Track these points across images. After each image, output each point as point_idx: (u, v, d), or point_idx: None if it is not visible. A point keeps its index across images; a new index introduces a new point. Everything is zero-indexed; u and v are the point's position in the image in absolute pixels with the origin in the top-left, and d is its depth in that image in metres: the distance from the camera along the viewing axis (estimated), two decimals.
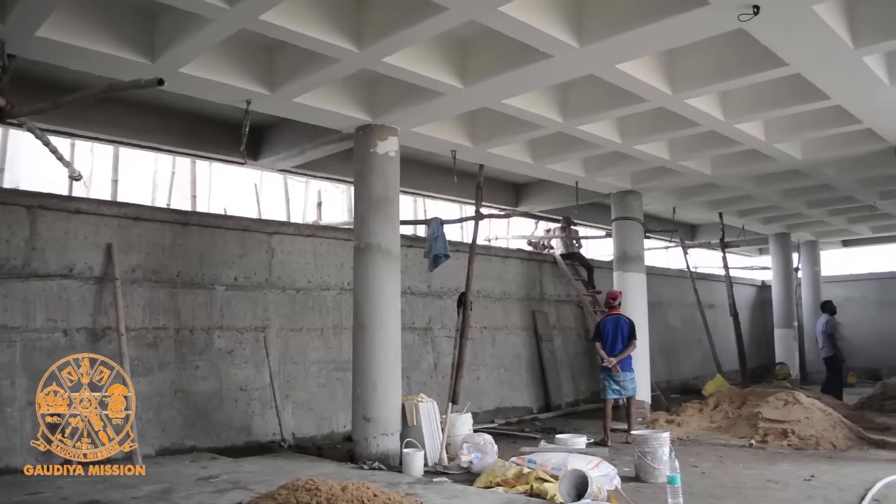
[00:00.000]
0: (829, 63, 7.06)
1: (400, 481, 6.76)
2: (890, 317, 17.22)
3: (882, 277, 20.03)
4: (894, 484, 6.85)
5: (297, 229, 10.20)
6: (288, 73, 7.30)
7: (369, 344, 8.13)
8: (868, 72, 7.27)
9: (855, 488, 6.68)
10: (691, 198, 14.02)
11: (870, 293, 20.65)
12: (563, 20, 6.28)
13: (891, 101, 8.18)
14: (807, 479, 7.20)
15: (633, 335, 10.09)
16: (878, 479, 6.92)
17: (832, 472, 7.51)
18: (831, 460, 8.17)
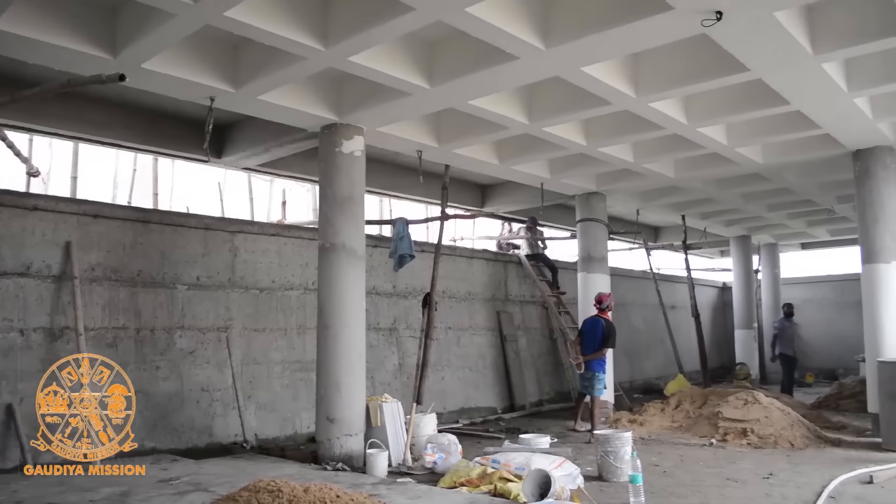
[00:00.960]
0: (789, 69, 7.20)
1: (364, 482, 6.73)
2: (847, 318, 17.59)
3: (839, 279, 20.44)
4: (850, 481, 7.01)
5: (261, 228, 10.10)
6: (253, 71, 7.23)
7: (333, 344, 8.09)
8: (827, 78, 7.42)
9: (812, 486, 6.82)
10: (655, 200, 14.19)
11: (828, 295, 21.08)
12: (529, 22, 6.31)
13: (849, 108, 8.36)
14: (765, 477, 7.33)
15: (605, 341, 10.34)
16: (835, 476, 7.08)
17: (790, 470, 7.66)
18: (789, 458, 8.33)
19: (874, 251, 9.87)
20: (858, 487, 6.81)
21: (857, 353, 13.14)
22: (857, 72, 7.77)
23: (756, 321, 19.55)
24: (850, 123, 9.01)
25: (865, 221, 10.05)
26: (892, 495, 6.49)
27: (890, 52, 7.24)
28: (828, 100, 8.14)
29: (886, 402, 8.95)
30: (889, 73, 7.66)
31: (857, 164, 10.17)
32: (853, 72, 7.78)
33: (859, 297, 10.15)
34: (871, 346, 9.78)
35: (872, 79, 7.78)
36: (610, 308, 10.69)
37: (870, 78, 7.78)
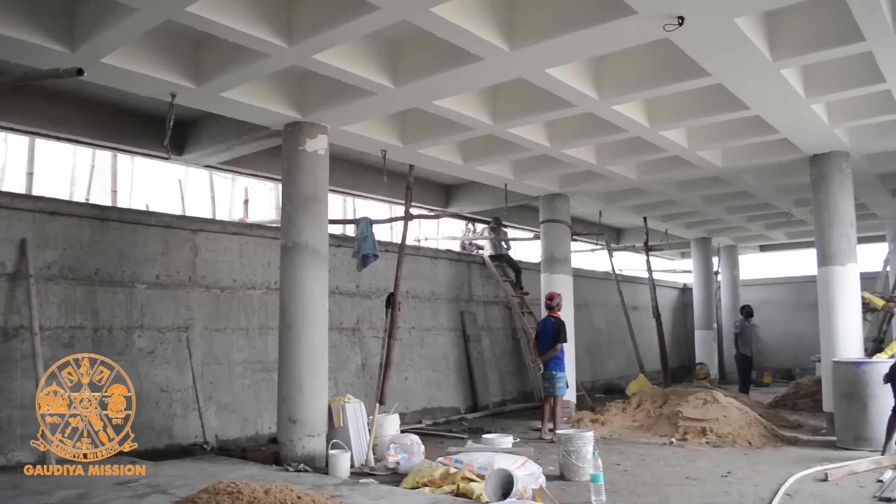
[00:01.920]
0: (749, 74, 7.33)
1: (326, 483, 6.69)
2: (804, 319, 17.93)
3: (797, 281, 20.83)
4: (805, 479, 7.15)
5: (222, 227, 9.98)
6: (215, 67, 7.15)
7: (296, 344, 8.03)
8: (785, 84, 7.57)
9: (769, 484, 6.95)
10: (617, 202, 14.33)
11: (785, 296, 21.48)
12: (494, 24, 6.33)
13: (806, 113, 8.54)
14: (724, 475, 7.45)
15: (555, 338, 10.37)
16: (791, 474, 7.23)
17: (748, 468, 7.79)
18: (747, 457, 8.47)
19: (830, 254, 10.08)
20: (814, 485, 6.95)
21: (813, 354, 13.44)
22: (815, 78, 7.94)
23: (716, 322, 19.86)
24: (807, 129, 9.19)
25: (821, 225, 10.26)
26: (846, 493, 6.63)
27: (845, 60, 7.42)
28: (786, 105, 8.30)
29: (841, 401, 9.14)
30: (845, 81, 7.83)
31: (813, 168, 10.38)
32: (810, 78, 7.94)
33: (815, 298, 10.35)
34: (827, 346, 9.99)
35: (829, 85, 7.96)
36: (559, 307, 10.72)
37: (826, 85, 7.95)
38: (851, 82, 7.83)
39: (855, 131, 9.79)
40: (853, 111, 8.94)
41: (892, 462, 7.69)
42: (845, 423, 9.04)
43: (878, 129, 9.65)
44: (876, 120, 9.12)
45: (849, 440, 8.89)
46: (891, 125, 9.41)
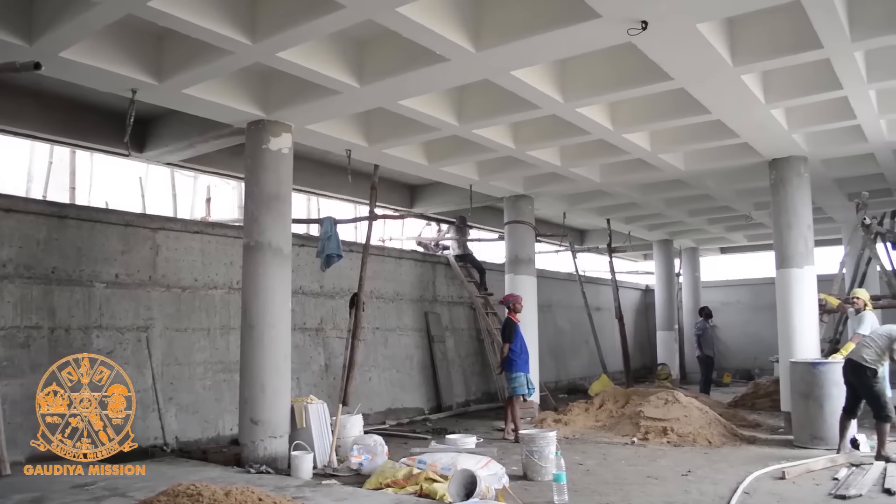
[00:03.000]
0: (710, 79, 7.44)
1: (288, 484, 6.65)
2: (763, 320, 18.21)
3: (756, 283, 21.15)
4: (763, 478, 7.27)
5: (184, 225, 9.84)
6: (177, 63, 7.04)
7: (258, 345, 7.95)
8: (746, 89, 7.70)
9: (728, 482, 7.05)
10: (581, 204, 14.45)
11: (745, 298, 21.82)
12: (460, 25, 6.34)
13: (766, 118, 8.69)
14: (684, 474, 7.54)
15: (504, 337, 10.40)
16: (749, 473, 7.33)
17: (707, 467, 7.89)
18: (707, 456, 8.58)
19: (788, 256, 10.27)
20: (771, 483, 7.06)
21: (771, 354, 13.67)
22: (774, 84, 8.10)
23: (677, 323, 20.12)
24: (766, 133, 9.35)
25: (780, 228, 10.45)
26: (803, 490, 6.75)
27: (804, 67, 7.58)
28: (746, 110, 8.44)
29: (798, 400, 9.31)
30: (803, 87, 8.00)
31: (772, 172, 10.57)
32: (770, 84, 8.10)
33: (774, 300, 10.55)
34: (785, 347, 10.18)
35: (788, 91, 8.12)
36: (515, 308, 10.59)
37: (785, 90, 8.12)
38: (810, 88, 7.99)
39: (813, 136, 10.00)
40: (811, 117, 9.13)
41: (846, 460, 7.86)
42: (802, 423, 9.21)
43: (834, 134, 9.87)
44: (833, 126, 9.32)
45: (805, 439, 9.06)
46: (847, 131, 9.62)
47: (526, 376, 10.23)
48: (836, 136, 9.93)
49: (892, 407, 7.94)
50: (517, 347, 10.24)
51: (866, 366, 7.91)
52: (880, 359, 7.91)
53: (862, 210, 10.86)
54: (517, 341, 10.28)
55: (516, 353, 10.20)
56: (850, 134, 9.71)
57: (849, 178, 12.59)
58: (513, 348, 10.20)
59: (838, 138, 9.94)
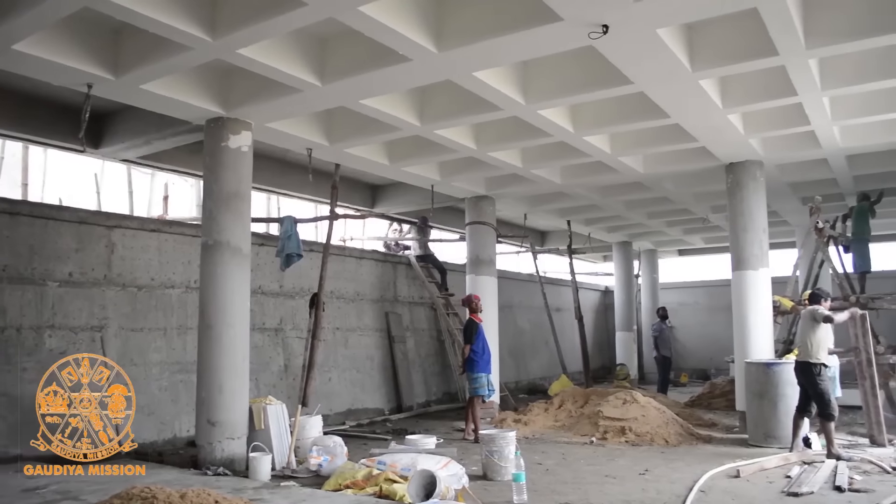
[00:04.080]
0: (669, 84, 7.54)
1: (245, 486, 6.58)
2: (719, 321, 18.49)
3: (712, 285, 21.48)
4: (719, 476, 7.39)
5: (140, 223, 9.67)
6: (135, 59, 6.91)
7: (216, 345, 7.85)
8: (704, 94, 7.82)
9: (684, 480, 7.15)
10: (542, 205, 14.53)
11: (701, 299, 22.17)
12: (422, 25, 6.33)
13: (723, 123, 8.84)
14: (641, 473, 7.63)
15: (465, 338, 10.38)
16: (705, 471, 7.46)
17: (664, 465, 8.00)
18: (664, 455, 8.70)
19: (743, 259, 10.46)
20: (726, 481, 7.18)
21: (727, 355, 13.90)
22: (731, 90, 8.24)
23: (636, 324, 20.35)
24: (723, 138, 9.51)
25: (736, 231, 10.63)
26: (757, 488, 6.88)
27: (760, 73, 7.72)
28: (704, 115, 8.57)
29: (752, 400, 9.48)
30: (759, 93, 8.15)
31: (729, 176, 10.75)
32: (727, 90, 8.24)
33: (730, 301, 10.73)
34: (740, 347, 10.36)
35: (744, 97, 8.27)
36: (474, 308, 10.52)
37: (742, 96, 8.26)
38: (765, 95, 8.15)
39: (768, 142, 10.19)
40: (767, 122, 9.31)
41: (799, 458, 8.04)
42: (756, 422, 9.39)
43: (789, 140, 10.08)
44: (788, 131, 9.52)
45: (759, 438, 9.23)
46: (801, 137, 9.83)
47: (487, 377, 10.20)
48: (791, 142, 10.13)
49: (835, 406, 8.16)
50: (478, 348, 10.19)
51: (811, 363, 8.13)
52: (821, 345, 8.15)
53: (815, 214, 11.10)
54: (478, 342, 10.22)
55: (478, 353, 10.16)
56: (804, 140, 9.92)
57: (803, 183, 12.86)
58: (474, 349, 10.14)
59: (793, 144, 10.15)
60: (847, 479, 6.90)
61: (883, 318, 12.25)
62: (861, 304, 10.74)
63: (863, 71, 7.64)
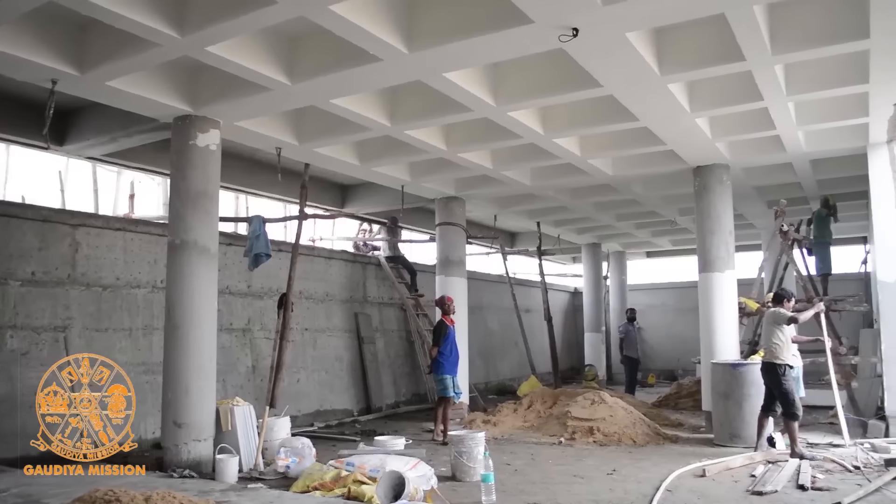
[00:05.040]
0: (638, 87, 7.62)
1: (212, 489, 6.51)
2: (686, 322, 18.75)
3: (680, 287, 21.71)
4: (685, 475, 7.47)
5: (105, 222, 9.52)
6: (101, 54, 6.81)
7: (182, 345, 7.76)
8: (672, 98, 7.90)
9: (651, 480, 7.21)
10: (512, 206, 14.58)
11: (669, 301, 22.39)
12: (393, 25, 6.32)
13: (690, 127, 8.94)
14: (609, 473, 7.69)
15: (433, 339, 10.38)
16: (672, 471, 7.53)
17: (632, 465, 8.06)
18: (631, 455, 8.76)
19: (710, 261, 10.59)
20: (692, 481, 7.26)
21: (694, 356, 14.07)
22: (699, 94, 8.34)
23: (604, 325, 20.50)
24: (691, 141, 9.62)
25: (703, 233, 10.76)
26: (722, 487, 6.96)
27: (728, 78, 7.83)
28: (672, 118, 8.67)
29: (718, 400, 9.60)
30: (726, 97, 8.26)
31: (696, 179, 10.88)
32: (695, 94, 8.34)
33: (696, 302, 10.86)
34: (706, 348, 10.49)
35: (712, 101, 8.38)
36: (446, 310, 10.48)
37: (709, 100, 8.37)
38: (732, 99, 8.26)
39: (735, 145, 10.33)
40: (733, 126, 9.44)
41: (763, 458, 8.15)
42: (722, 422, 9.50)
43: (755, 144, 10.22)
44: (754, 136, 9.66)
45: (725, 437, 9.34)
46: (767, 141, 9.98)
47: (452, 378, 10.15)
48: (757, 146, 10.28)
49: (799, 405, 8.29)
50: (445, 350, 10.15)
51: (776, 363, 8.27)
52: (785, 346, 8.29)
53: (780, 217, 11.27)
54: (446, 344, 10.19)
55: (444, 355, 10.13)
56: (769, 144, 10.07)
57: (768, 187, 13.06)
58: (441, 350, 10.12)
59: (759, 148, 10.30)
60: (810, 477, 7.01)
61: (845, 320, 12.49)
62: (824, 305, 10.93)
63: (826, 77, 7.79)
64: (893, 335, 9.31)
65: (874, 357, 9.97)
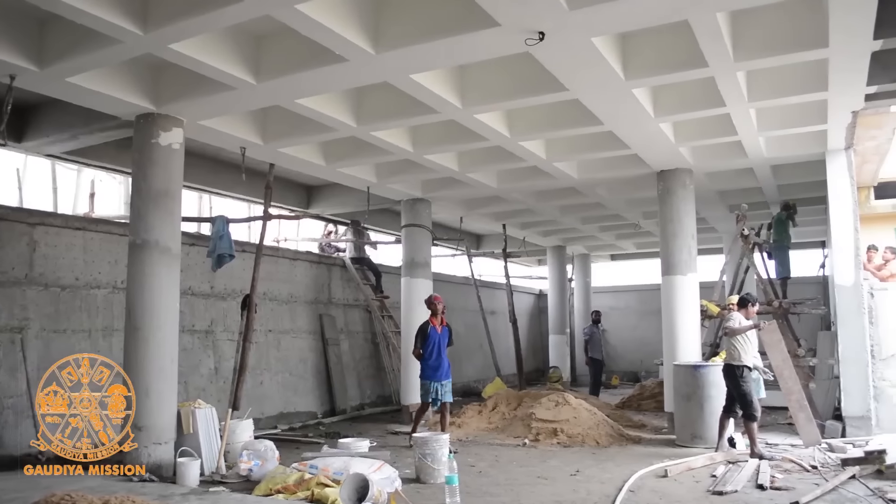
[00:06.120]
0: (603, 92, 7.69)
1: (173, 493, 6.43)
2: (649, 324, 18.95)
3: (643, 289, 21.91)
4: (647, 476, 7.56)
5: (65, 221, 9.34)
6: (61, 50, 6.68)
7: (143, 347, 7.64)
8: (636, 103, 7.98)
9: (614, 481, 7.29)
10: (477, 209, 14.61)
11: (632, 303, 22.60)
12: (360, 26, 6.30)
13: (654, 131, 9.04)
14: (573, 474, 7.75)
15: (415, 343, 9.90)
16: (634, 471, 7.62)
17: (595, 466, 8.13)
18: (595, 456, 8.84)
19: (673, 264, 10.72)
20: (655, 481, 7.35)
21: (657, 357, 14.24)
22: (663, 99, 8.44)
23: (569, 327, 20.64)
24: (655, 146, 9.73)
25: (666, 236, 10.89)
26: (683, 487, 7.05)
27: (691, 84, 7.94)
28: (636, 123, 8.76)
29: (680, 402, 9.72)
30: (690, 103, 8.37)
31: (660, 183, 11.01)
32: (659, 99, 8.44)
33: (659, 305, 10.98)
34: (669, 350, 10.61)
35: (675, 107, 8.48)
36: (433, 310, 9.90)
37: (673, 106, 8.48)
38: (695, 105, 8.38)
39: (698, 150, 10.47)
40: (696, 132, 9.56)
41: (724, 458, 8.27)
42: (684, 423, 9.62)
43: (717, 149, 10.37)
44: (716, 141, 9.79)
45: (687, 438, 9.46)
46: (729, 146, 10.13)
47: (433, 384, 9.55)
48: (719, 151, 10.43)
49: (758, 406, 8.44)
50: (426, 354, 9.62)
51: (735, 365, 8.43)
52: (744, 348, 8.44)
53: (741, 221, 11.45)
54: (428, 346, 9.62)
55: (425, 359, 9.63)
56: (731, 149, 10.22)
57: (730, 191, 13.25)
58: (423, 354, 9.63)
59: (721, 153, 10.45)
60: (769, 477, 7.13)
61: (803, 323, 12.75)
62: (784, 308, 11.13)
63: (787, 85, 7.94)
64: (850, 338, 9.50)
65: (831, 359, 10.17)
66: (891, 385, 9.29)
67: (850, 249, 9.66)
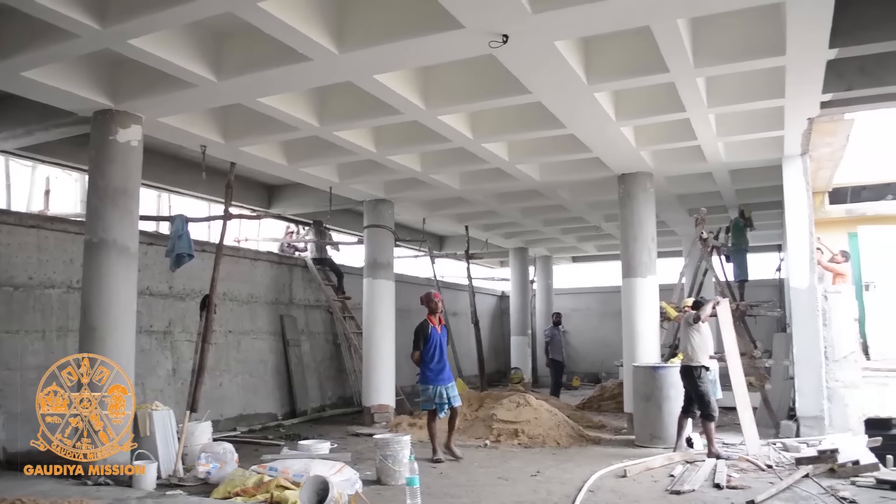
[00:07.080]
0: (565, 95, 7.75)
1: (129, 496, 6.33)
2: (609, 326, 19.14)
3: (604, 291, 22.16)
4: (607, 476, 7.62)
5: (18, 219, 9.12)
6: (16, 44, 6.52)
7: (99, 348, 7.48)
8: (598, 107, 8.06)
9: (574, 481, 7.34)
10: (440, 210, 14.63)
11: (593, 305, 22.83)
12: (323, 25, 6.27)
13: (616, 135, 9.14)
14: (533, 474, 7.79)
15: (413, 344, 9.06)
16: (594, 471, 7.68)
17: (555, 467, 8.18)
18: (555, 456, 8.89)
19: (633, 266, 10.85)
20: (614, 481, 7.42)
21: (617, 359, 14.36)
22: (624, 103, 8.54)
23: (530, 328, 20.75)
24: (616, 149, 9.83)
25: (626, 239, 11.02)
26: (642, 487, 7.13)
27: (652, 89, 8.05)
28: (598, 126, 8.84)
29: (640, 402, 9.83)
30: (650, 108, 8.49)
31: (621, 186, 11.13)
32: (621, 103, 8.53)
33: (620, 307, 11.09)
34: (629, 351, 10.73)
35: (636, 111, 8.59)
36: (433, 308, 9.14)
37: (634, 110, 8.58)
38: (656, 109, 8.49)
39: (658, 154, 10.61)
40: (657, 136, 9.69)
41: (682, 458, 8.38)
42: (643, 423, 9.73)
43: (677, 153, 10.52)
44: (676, 145, 9.93)
45: (646, 438, 9.57)
46: (689, 151, 10.28)
47: (437, 389, 8.74)
48: (679, 155, 10.58)
49: (715, 406, 8.57)
50: (427, 355, 8.81)
51: (692, 366, 8.56)
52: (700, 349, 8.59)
53: (700, 225, 11.61)
54: (428, 348, 8.81)
55: (425, 362, 8.81)
56: (691, 154, 10.37)
57: (690, 195, 13.46)
58: (423, 357, 8.84)
59: (681, 157, 10.60)
60: (725, 476, 7.23)
61: (760, 325, 12.98)
62: (741, 310, 11.31)
63: (746, 91, 8.08)
64: (804, 339, 9.70)
65: (786, 360, 10.38)
66: (843, 386, 9.51)
67: (806, 253, 9.87)
